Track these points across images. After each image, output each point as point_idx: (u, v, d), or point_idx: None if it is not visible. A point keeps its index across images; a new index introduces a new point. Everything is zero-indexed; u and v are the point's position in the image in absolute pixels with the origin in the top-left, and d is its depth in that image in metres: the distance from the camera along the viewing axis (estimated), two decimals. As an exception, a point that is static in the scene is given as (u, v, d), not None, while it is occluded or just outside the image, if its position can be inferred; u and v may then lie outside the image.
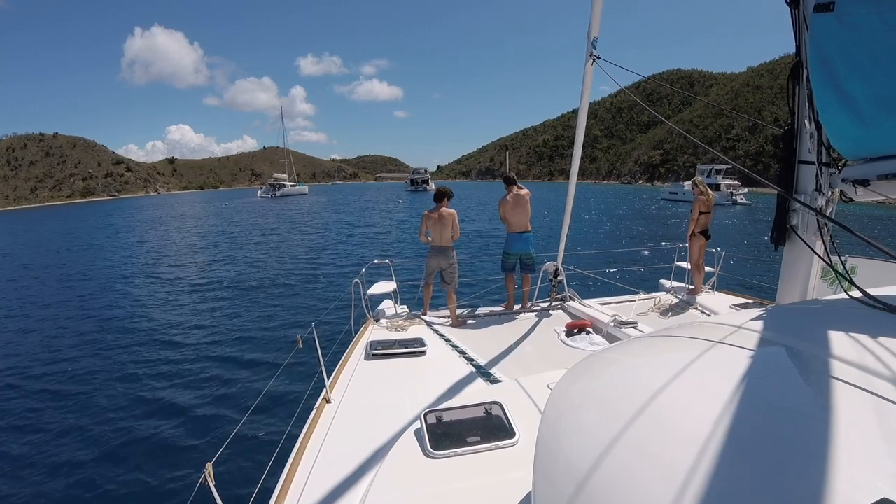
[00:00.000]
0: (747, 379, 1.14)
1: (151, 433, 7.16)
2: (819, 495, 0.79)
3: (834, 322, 1.46)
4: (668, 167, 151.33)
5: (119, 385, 8.91)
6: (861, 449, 0.87)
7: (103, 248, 31.22)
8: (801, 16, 2.27)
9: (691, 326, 1.72)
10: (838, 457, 0.84)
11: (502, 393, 3.31)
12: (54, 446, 6.95)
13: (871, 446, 0.88)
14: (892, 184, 2.01)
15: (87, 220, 59.40)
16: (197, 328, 12.41)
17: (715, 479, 0.87)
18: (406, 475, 2.60)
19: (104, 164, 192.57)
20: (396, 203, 71.97)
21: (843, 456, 0.85)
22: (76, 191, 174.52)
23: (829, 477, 0.81)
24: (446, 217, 6.69)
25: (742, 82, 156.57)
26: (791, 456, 0.90)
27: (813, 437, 0.93)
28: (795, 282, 2.60)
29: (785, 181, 2.52)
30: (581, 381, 1.52)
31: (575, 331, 6.09)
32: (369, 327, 6.24)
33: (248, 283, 17.86)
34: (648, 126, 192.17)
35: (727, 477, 0.87)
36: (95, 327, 12.88)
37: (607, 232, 32.62)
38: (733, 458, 0.91)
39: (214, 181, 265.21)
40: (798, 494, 0.82)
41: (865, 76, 1.92)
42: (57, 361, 10.39)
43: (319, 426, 3.67)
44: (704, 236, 7.44)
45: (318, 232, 36.36)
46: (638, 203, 64.76)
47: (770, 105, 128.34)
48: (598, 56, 5.06)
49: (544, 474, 1.24)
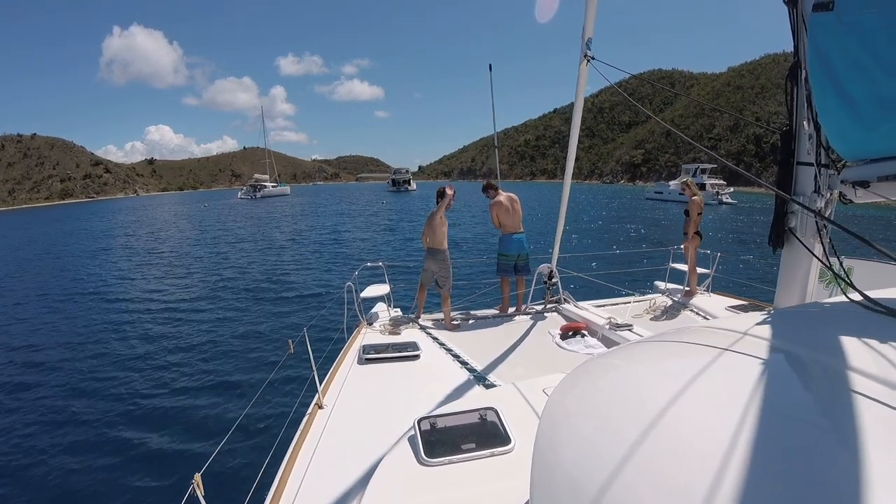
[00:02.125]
0: (756, 389, 1.10)
1: (138, 443, 7.02)
2: None
3: (838, 327, 1.45)
4: (650, 167, 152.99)
5: (105, 394, 8.73)
6: (884, 462, 0.83)
7: (84, 254, 30.66)
8: (800, 15, 2.26)
9: (691, 331, 1.68)
10: (864, 471, 0.81)
11: (497, 398, 3.27)
12: (36, 457, 6.80)
13: (891, 459, 0.85)
14: (892, 185, 1.99)
15: (62, 225, 58.20)
16: (185, 335, 12.19)
17: (734, 496, 0.82)
18: (400, 483, 2.56)
19: (83, 165, 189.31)
20: (381, 204, 71.64)
21: (869, 470, 0.81)
22: (54, 192, 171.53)
23: (858, 495, 0.78)
24: (434, 218, 6.60)
25: (723, 82, 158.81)
26: (815, 473, 0.86)
27: (835, 451, 0.91)
28: (794, 284, 2.60)
29: (783, 183, 2.52)
30: (579, 389, 1.48)
31: (570, 333, 6.10)
32: (362, 331, 6.17)
33: (236, 287, 17.62)
34: (629, 126, 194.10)
35: (747, 497, 0.82)
36: (80, 336, 12.58)
37: (597, 233, 32.77)
38: (750, 475, 0.86)
39: (194, 182, 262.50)
40: None
41: (865, 76, 1.90)
42: (38, 368, 10.19)
43: (312, 432, 3.64)
44: (699, 237, 7.53)
45: (305, 234, 36.01)
46: (623, 203, 65.06)
47: (751, 105, 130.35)
48: (593, 56, 5.08)
49: (543, 489, 1.20)
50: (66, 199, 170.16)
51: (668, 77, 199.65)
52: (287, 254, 26.09)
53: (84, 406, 8.28)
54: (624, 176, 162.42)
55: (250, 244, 30.89)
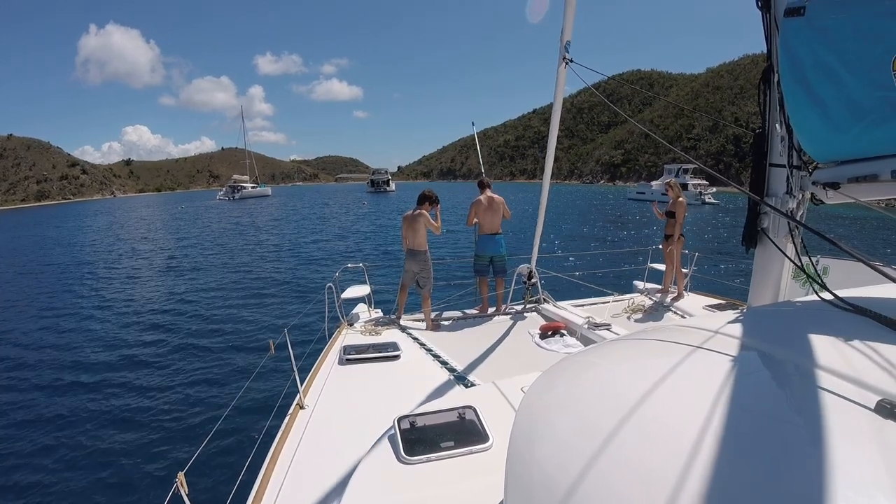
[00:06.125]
0: (726, 385, 1.13)
1: (121, 443, 6.99)
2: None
3: (807, 325, 1.48)
4: (630, 167, 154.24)
5: (86, 395, 8.66)
6: (848, 457, 0.86)
7: (64, 257, 30.19)
8: (773, 20, 2.30)
9: (666, 329, 1.71)
10: (829, 465, 0.84)
11: (476, 397, 3.28)
12: (18, 459, 6.74)
13: (855, 454, 0.88)
14: (861, 186, 2.02)
15: (43, 229, 57.20)
16: (166, 336, 12.07)
17: (703, 487, 0.85)
18: (380, 481, 2.57)
19: (59, 166, 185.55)
20: (361, 205, 71.38)
21: (834, 464, 0.84)
22: (30, 194, 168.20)
23: (823, 487, 0.80)
24: (417, 219, 6.63)
25: (701, 83, 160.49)
26: (781, 465, 0.88)
27: (800, 444, 0.93)
28: (767, 284, 2.63)
29: (756, 184, 2.56)
30: (554, 386, 1.50)
31: (549, 333, 6.13)
32: (343, 332, 6.17)
33: (216, 288, 17.49)
34: (609, 126, 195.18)
35: (717, 486, 0.85)
36: (62, 338, 12.40)
37: (578, 233, 32.96)
38: (718, 467, 0.88)
39: (172, 183, 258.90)
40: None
41: (835, 80, 1.93)
42: (18, 368, 10.08)
43: (293, 433, 3.66)
44: (683, 238, 7.64)
45: (286, 236, 35.77)
46: (605, 204, 65.39)
47: (730, 105, 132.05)
48: (571, 59, 5.13)
49: (517, 483, 1.21)
50: (43, 200, 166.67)
51: (647, 78, 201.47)
52: (267, 255, 25.97)
53: (67, 408, 8.20)
54: (604, 176, 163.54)
55: (230, 245, 30.67)
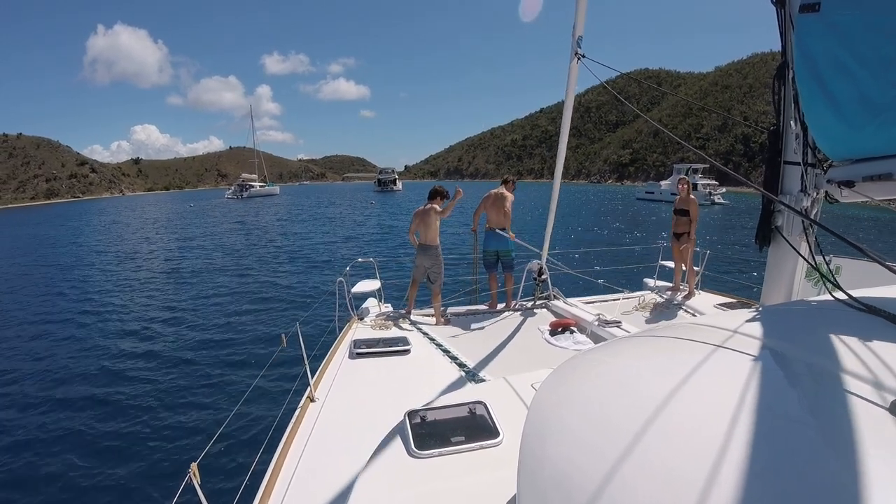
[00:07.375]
0: (745, 385, 1.12)
1: (136, 434, 7.09)
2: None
3: (823, 325, 1.48)
4: (638, 166, 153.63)
5: (101, 387, 8.77)
6: (869, 457, 0.85)
7: (77, 253, 30.29)
8: (787, 16, 2.30)
9: (680, 327, 1.70)
10: (850, 467, 0.83)
11: (486, 392, 3.28)
12: (34, 450, 6.82)
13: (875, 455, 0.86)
14: (876, 185, 2.03)
15: (47, 228, 57.46)
16: (179, 329, 12.23)
17: (732, 491, 0.83)
18: (390, 475, 2.57)
19: (68, 164, 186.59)
20: (369, 204, 71.42)
21: (855, 465, 0.83)
22: (40, 192, 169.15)
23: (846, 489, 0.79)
24: (428, 214, 6.65)
25: (710, 81, 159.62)
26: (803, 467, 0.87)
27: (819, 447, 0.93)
28: (780, 282, 2.63)
29: (770, 182, 2.55)
30: (566, 383, 1.49)
31: (559, 330, 6.11)
32: (353, 326, 6.17)
33: (228, 283, 17.62)
34: (616, 125, 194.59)
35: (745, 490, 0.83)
36: (75, 331, 12.54)
37: (587, 232, 32.90)
38: (744, 469, 0.87)
39: (180, 182, 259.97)
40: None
41: (850, 77, 1.93)
42: (36, 360, 10.21)
43: (303, 425, 3.69)
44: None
45: (297, 233, 35.91)
46: (613, 203, 65.08)
47: (739, 104, 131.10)
48: (583, 55, 5.10)
49: (529, 479, 1.20)
50: (52, 198, 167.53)
51: (655, 77, 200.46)
52: (278, 251, 26.09)
53: (82, 400, 8.33)
54: (612, 176, 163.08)
55: (241, 242, 30.79)
